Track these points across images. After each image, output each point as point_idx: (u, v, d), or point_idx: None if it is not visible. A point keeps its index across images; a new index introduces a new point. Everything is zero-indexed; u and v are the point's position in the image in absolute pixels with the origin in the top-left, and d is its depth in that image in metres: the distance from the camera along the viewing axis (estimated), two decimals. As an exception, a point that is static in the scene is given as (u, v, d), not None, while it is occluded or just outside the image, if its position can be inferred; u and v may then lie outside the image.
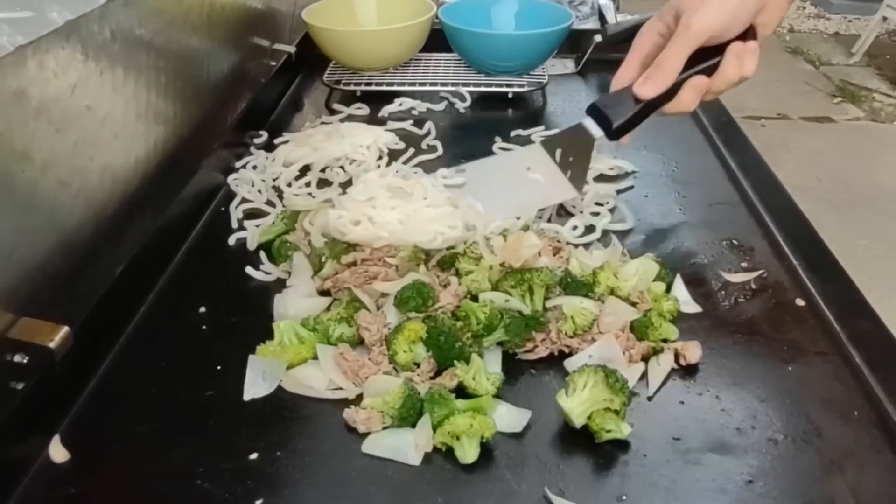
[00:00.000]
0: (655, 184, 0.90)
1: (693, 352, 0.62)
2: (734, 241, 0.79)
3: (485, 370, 0.59)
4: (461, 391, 0.59)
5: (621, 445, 0.55)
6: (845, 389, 0.60)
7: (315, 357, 0.62)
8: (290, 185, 0.89)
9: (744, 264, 0.75)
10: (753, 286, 0.72)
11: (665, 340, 0.64)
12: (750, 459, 0.54)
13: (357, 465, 0.53)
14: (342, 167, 0.93)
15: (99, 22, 0.64)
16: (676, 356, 0.62)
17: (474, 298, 0.65)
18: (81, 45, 0.61)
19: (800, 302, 0.69)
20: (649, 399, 0.59)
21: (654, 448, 0.55)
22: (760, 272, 0.73)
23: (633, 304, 0.66)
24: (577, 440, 0.55)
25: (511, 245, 0.68)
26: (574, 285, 0.67)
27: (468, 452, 0.53)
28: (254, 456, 0.54)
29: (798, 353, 0.63)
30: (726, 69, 0.66)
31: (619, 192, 0.88)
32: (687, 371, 0.62)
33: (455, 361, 0.59)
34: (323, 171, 0.92)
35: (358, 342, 0.64)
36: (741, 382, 0.60)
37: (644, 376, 0.61)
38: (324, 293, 0.70)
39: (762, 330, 0.66)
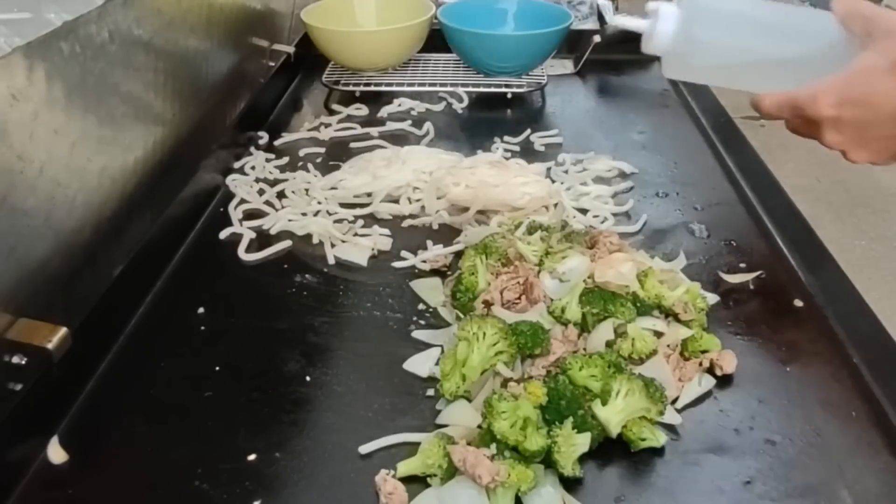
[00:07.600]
0: (654, 184, 0.90)
1: (729, 361, 0.60)
2: (733, 242, 0.79)
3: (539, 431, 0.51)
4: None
5: (619, 446, 0.55)
6: (844, 390, 0.60)
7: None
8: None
9: (742, 265, 0.75)
10: (752, 287, 0.72)
11: (704, 351, 0.61)
12: (748, 460, 0.54)
13: (355, 467, 0.53)
14: (408, 198, 0.84)
15: (97, 23, 0.64)
16: (712, 366, 0.60)
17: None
18: (80, 45, 0.61)
19: (798, 302, 0.69)
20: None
21: (652, 448, 0.55)
22: (759, 273, 0.73)
23: (675, 315, 0.63)
24: (576, 441, 0.55)
25: (606, 261, 0.64)
26: (641, 308, 0.62)
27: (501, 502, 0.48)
28: (252, 457, 0.54)
29: (796, 353, 0.63)
30: None
31: (618, 193, 0.88)
32: (685, 372, 0.62)
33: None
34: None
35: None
36: (739, 383, 0.60)
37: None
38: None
39: (760, 331, 0.66)
